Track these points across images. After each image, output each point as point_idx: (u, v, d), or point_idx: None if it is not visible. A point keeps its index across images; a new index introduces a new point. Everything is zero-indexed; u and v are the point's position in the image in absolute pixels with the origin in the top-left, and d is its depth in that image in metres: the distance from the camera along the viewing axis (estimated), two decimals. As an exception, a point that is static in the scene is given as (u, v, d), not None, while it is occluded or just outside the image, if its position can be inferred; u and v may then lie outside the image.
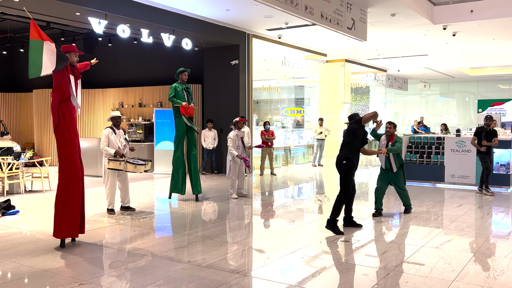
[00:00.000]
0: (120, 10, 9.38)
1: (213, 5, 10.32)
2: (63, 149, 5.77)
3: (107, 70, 15.89)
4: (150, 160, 8.14)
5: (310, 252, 5.71)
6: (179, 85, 8.96)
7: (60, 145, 5.78)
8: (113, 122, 7.91)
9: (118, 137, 7.82)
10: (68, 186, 5.79)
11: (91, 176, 12.25)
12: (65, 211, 5.78)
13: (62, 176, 5.81)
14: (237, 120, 9.46)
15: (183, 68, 9.06)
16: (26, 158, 10.08)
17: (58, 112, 5.69)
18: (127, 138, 8.08)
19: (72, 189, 5.80)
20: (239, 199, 9.23)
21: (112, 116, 7.95)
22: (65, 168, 5.79)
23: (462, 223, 7.20)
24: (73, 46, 5.94)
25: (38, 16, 10.02)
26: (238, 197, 9.35)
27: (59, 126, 5.73)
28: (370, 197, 10.11)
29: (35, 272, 4.90)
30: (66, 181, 5.78)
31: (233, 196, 9.34)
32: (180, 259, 5.33)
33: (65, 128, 5.74)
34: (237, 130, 9.35)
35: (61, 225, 5.78)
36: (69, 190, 5.79)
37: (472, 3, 11.56)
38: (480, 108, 22.93)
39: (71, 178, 5.79)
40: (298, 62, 16.20)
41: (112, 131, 7.79)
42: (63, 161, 5.79)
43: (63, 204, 5.79)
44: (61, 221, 5.78)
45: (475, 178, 10.56)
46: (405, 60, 19.21)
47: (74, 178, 5.82)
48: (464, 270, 4.95)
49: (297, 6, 8.90)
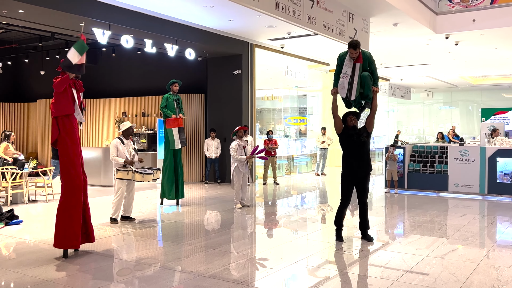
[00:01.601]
0: (124, 20, 9.46)
1: (216, 15, 10.40)
2: (64, 159, 5.78)
3: (111, 80, 15.98)
4: (159, 169, 8.19)
5: (313, 262, 5.69)
6: (171, 95, 9.45)
7: (62, 155, 5.79)
8: (125, 133, 7.95)
9: (127, 147, 7.84)
10: (70, 196, 5.79)
11: (95, 185, 12.27)
12: (66, 222, 5.77)
13: (64, 186, 5.82)
14: (236, 129, 9.46)
15: (174, 80, 9.56)
16: (29, 168, 10.11)
17: (58, 124, 5.73)
18: (136, 148, 8.12)
19: (74, 200, 5.80)
20: (243, 209, 9.22)
21: (126, 127, 7.95)
22: (67, 178, 5.80)
23: (466, 233, 7.16)
24: None
25: (43, 27, 10.12)
26: (242, 207, 9.34)
27: (60, 137, 5.74)
28: (374, 206, 10.10)
29: (38, 282, 4.90)
30: (68, 191, 5.79)
31: (237, 206, 9.34)
32: (183, 269, 5.32)
33: (67, 139, 5.75)
34: (238, 139, 9.34)
35: (62, 235, 5.77)
36: (71, 201, 5.79)
37: (475, 13, 11.61)
38: (484, 117, 22.88)
39: (72, 189, 5.80)
40: (300, 72, 16.24)
41: (120, 141, 7.82)
42: (65, 172, 5.80)
43: (64, 215, 5.78)
44: (62, 232, 5.77)
45: (478, 187, 10.52)
46: (408, 69, 19.23)
47: (76, 189, 5.82)
48: (468, 281, 4.92)
49: (300, 16, 8.95)
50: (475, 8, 11.63)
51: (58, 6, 8.32)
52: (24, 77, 17.82)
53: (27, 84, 17.77)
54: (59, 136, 5.75)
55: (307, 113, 18.32)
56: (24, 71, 17.52)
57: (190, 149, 13.77)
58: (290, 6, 8.64)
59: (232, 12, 10.10)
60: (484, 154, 10.51)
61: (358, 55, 6.36)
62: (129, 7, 9.45)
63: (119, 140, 7.81)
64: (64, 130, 5.75)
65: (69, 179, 5.78)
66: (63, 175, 5.83)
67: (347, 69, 6.37)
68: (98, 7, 8.94)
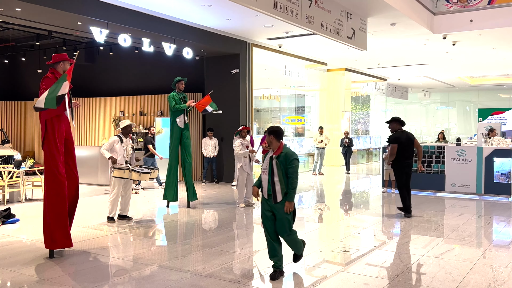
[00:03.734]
0: (121, 19, 9.44)
1: (214, 14, 10.39)
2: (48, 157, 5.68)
3: (108, 78, 15.95)
4: (157, 168, 8.15)
5: (311, 261, 5.69)
6: (176, 94, 9.18)
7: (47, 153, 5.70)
8: (124, 131, 7.88)
9: (125, 146, 7.80)
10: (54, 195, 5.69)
11: (91, 184, 12.24)
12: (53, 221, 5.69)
13: (47, 185, 5.72)
14: (240, 129, 9.51)
15: (180, 78, 9.27)
16: (26, 167, 10.08)
17: (46, 124, 5.67)
18: (134, 147, 8.08)
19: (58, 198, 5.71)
20: (245, 208, 9.21)
21: (125, 125, 7.89)
22: (51, 178, 5.69)
23: (463, 232, 7.18)
24: (64, 55, 5.97)
25: (40, 26, 10.09)
26: (245, 206, 9.33)
27: (46, 136, 5.68)
28: (371, 205, 10.12)
29: (35, 281, 4.89)
30: (52, 190, 5.69)
31: (240, 205, 9.33)
32: (180, 268, 5.32)
33: (52, 138, 5.67)
34: (241, 139, 9.36)
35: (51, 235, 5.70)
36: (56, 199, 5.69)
37: (472, 13, 11.62)
38: (481, 117, 22.95)
39: (57, 187, 5.69)
40: (298, 71, 16.25)
41: (119, 140, 7.76)
42: (49, 171, 5.69)
43: (50, 215, 5.70)
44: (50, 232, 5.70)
45: (475, 187, 10.55)
46: (405, 69, 19.26)
47: (60, 187, 5.71)
48: (465, 280, 4.93)
49: (298, 16, 8.95)
50: (472, 9, 11.64)
51: (56, 4, 8.29)
52: (21, 76, 17.77)
53: (24, 82, 17.72)
54: (46, 134, 5.69)
55: (305, 112, 18.33)
56: (21, 69, 17.46)
57: (188, 148, 13.74)
58: (288, 5, 8.63)
59: (230, 11, 10.09)
60: (481, 154, 10.53)
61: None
62: (127, 5, 9.43)
63: (118, 139, 7.77)
64: (52, 130, 5.67)
65: (52, 178, 5.69)
66: (47, 174, 5.74)
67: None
68: (95, 6, 8.91)
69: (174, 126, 9.13)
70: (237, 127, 12.85)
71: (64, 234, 5.77)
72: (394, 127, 8.55)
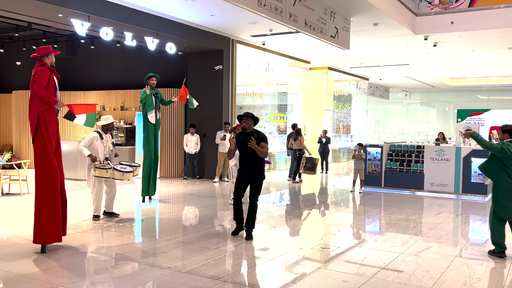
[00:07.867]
0: (103, 12, 9.31)
1: (198, 10, 10.32)
2: (42, 151, 5.66)
3: (89, 72, 15.72)
4: (138, 165, 8.04)
5: (291, 258, 5.72)
6: (149, 89, 9.30)
7: (39, 147, 5.66)
8: (105, 127, 7.64)
9: (105, 142, 7.61)
10: (47, 189, 5.67)
11: (71, 179, 12.09)
12: (45, 216, 5.65)
13: (39, 179, 5.71)
14: (234, 126, 9.49)
15: (151, 74, 9.47)
16: (4, 160, 9.89)
17: (39, 117, 5.63)
18: (114, 142, 7.94)
19: (51, 192, 5.69)
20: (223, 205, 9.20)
21: (107, 122, 7.62)
22: (44, 171, 5.68)
23: (441, 231, 7.30)
24: (49, 47, 5.91)
25: (19, 17, 9.89)
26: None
27: (38, 129, 5.64)
28: (350, 204, 10.22)
29: (11, 277, 4.80)
30: (44, 184, 5.68)
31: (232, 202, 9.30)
32: (160, 265, 5.29)
33: (45, 131, 5.64)
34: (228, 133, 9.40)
35: (42, 230, 5.64)
36: (48, 194, 5.67)
37: (453, 15, 11.80)
38: (459, 118, 23.34)
39: (49, 181, 5.68)
40: (281, 69, 16.27)
41: (99, 136, 7.51)
42: (42, 164, 5.68)
43: (42, 209, 5.67)
44: (41, 226, 5.65)
45: (453, 187, 10.74)
46: (387, 69, 19.46)
47: (53, 181, 5.70)
48: (441, 278, 5.02)
49: (282, 13, 8.96)
50: (453, 11, 11.82)
51: (36, -5, 8.14)
52: (-1, 68, 17.41)
53: (3, 74, 17.35)
54: (38, 127, 5.64)
55: (287, 110, 18.38)
56: (0, 61, 17.09)
57: (169, 144, 13.67)
58: (272, 3, 8.63)
59: (214, 7, 10.04)
60: (459, 154, 10.72)
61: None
62: (109, -1, 9.31)
63: (97, 135, 7.51)
64: (44, 123, 5.65)
65: (45, 172, 5.66)
66: (39, 167, 5.71)
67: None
68: (77, -2, 8.78)
69: (146, 121, 9.31)
70: (220, 124, 12.88)
71: (56, 229, 5.71)
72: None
